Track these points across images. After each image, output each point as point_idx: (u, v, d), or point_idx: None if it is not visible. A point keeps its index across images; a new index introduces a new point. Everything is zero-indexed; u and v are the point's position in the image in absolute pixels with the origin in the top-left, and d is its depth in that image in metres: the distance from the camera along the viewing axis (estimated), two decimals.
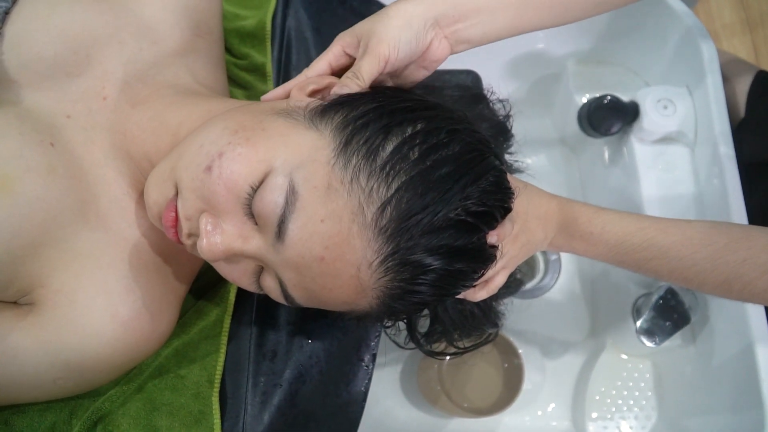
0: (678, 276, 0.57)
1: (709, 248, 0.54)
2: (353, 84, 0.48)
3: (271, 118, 0.47)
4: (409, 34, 0.49)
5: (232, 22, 0.71)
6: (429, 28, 0.50)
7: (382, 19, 0.50)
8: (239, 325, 0.60)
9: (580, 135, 0.95)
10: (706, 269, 0.54)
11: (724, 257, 0.53)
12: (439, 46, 0.52)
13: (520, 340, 0.89)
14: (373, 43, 0.49)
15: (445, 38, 0.52)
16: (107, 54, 0.54)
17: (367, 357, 0.63)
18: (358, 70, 0.49)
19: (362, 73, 0.49)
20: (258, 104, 0.51)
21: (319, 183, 0.43)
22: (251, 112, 0.48)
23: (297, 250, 0.43)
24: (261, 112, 0.48)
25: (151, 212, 0.49)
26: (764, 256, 0.52)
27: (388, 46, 0.49)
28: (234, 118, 0.47)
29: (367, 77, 0.49)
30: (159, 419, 0.55)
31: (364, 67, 0.49)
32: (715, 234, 0.55)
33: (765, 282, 0.52)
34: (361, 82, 0.49)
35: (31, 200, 0.48)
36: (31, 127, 0.50)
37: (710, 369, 0.81)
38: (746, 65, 0.98)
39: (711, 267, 0.54)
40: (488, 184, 0.46)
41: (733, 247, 0.53)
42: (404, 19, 0.50)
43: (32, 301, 0.50)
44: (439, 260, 0.44)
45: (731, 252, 0.53)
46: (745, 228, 0.56)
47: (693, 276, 0.55)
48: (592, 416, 0.92)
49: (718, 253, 0.54)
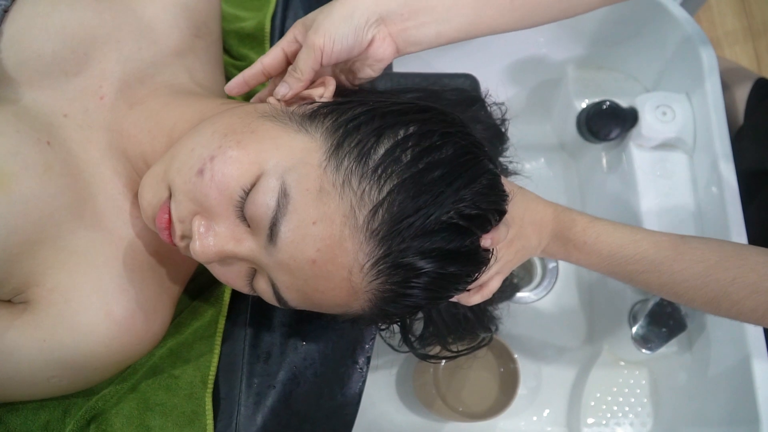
0: (668, 290, 0.57)
1: (701, 265, 0.54)
2: (293, 80, 0.49)
3: (259, 121, 0.47)
4: (347, 28, 0.48)
5: (231, 24, 0.71)
6: (372, 24, 0.49)
7: (327, 9, 0.49)
8: (234, 326, 0.60)
9: (579, 140, 0.95)
10: (696, 286, 0.54)
11: (714, 275, 0.53)
12: (382, 45, 0.50)
13: (516, 345, 0.88)
14: (311, 33, 0.48)
15: (391, 37, 0.50)
16: (106, 53, 0.55)
17: (362, 359, 0.63)
18: (296, 63, 0.49)
19: (299, 66, 0.49)
20: (245, 106, 0.51)
21: (311, 186, 0.43)
22: (238, 115, 0.48)
23: (289, 252, 0.43)
24: (248, 114, 0.48)
25: (145, 214, 0.49)
26: (753, 276, 0.52)
27: (324, 37, 0.48)
28: (222, 121, 0.47)
29: (305, 70, 0.49)
30: (152, 419, 0.55)
31: (301, 58, 0.49)
32: (707, 251, 0.55)
33: (753, 302, 0.52)
34: (300, 75, 0.49)
35: (28, 198, 0.48)
36: (28, 125, 0.50)
37: (706, 378, 0.81)
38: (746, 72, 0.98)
39: (701, 284, 0.54)
40: (481, 187, 0.45)
41: (724, 265, 0.53)
42: (347, 11, 0.48)
43: (27, 300, 0.50)
44: (432, 263, 0.44)
45: (722, 270, 0.53)
46: (738, 246, 0.56)
47: (683, 291, 0.55)
48: (587, 422, 0.92)
49: (709, 271, 0.53)
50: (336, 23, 0.48)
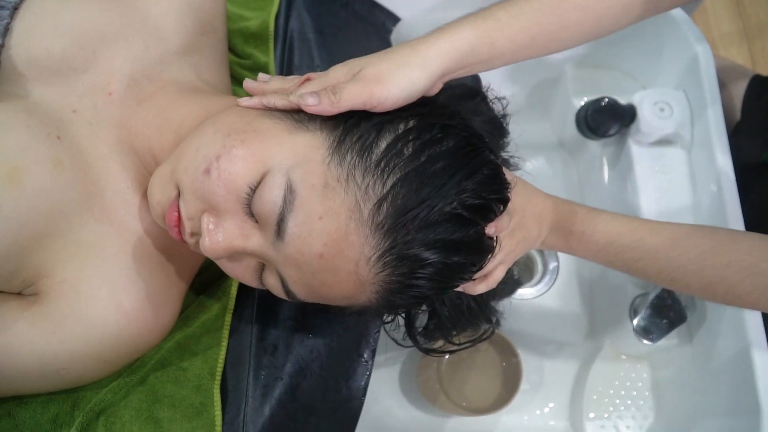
0: (665, 277, 0.57)
1: (696, 250, 0.55)
2: (328, 103, 0.45)
3: (259, 120, 0.47)
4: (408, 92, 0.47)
5: (236, 23, 0.72)
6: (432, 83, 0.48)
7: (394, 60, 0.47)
8: (240, 319, 0.61)
9: (578, 137, 0.96)
10: (692, 271, 0.55)
11: (709, 260, 0.54)
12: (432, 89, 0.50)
13: (518, 341, 0.89)
14: (374, 80, 0.46)
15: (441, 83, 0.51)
16: (114, 51, 0.55)
17: (367, 353, 0.64)
18: (341, 91, 0.46)
19: (343, 95, 0.45)
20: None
21: (316, 181, 0.44)
22: (237, 114, 0.49)
23: (296, 247, 0.44)
24: (246, 113, 0.48)
25: (155, 212, 0.50)
26: (748, 259, 0.53)
27: (385, 93, 0.46)
28: (223, 120, 0.48)
29: (344, 103, 0.45)
30: (161, 411, 0.56)
31: (351, 91, 0.45)
32: (702, 237, 0.56)
33: (748, 285, 0.53)
34: (337, 103, 0.45)
35: (38, 192, 0.48)
36: (38, 120, 0.51)
37: (707, 371, 0.81)
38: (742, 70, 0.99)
39: (697, 269, 0.55)
40: (483, 177, 0.46)
41: (719, 249, 0.54)
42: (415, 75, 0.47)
43: (37, 292, 0.51)
44: (437, 254, 0.45)
45: (717, 255, 0.54)
46: (732, 232, 0.57)
47: (679, 277, 0.56)
48: (589, 416, 0.92)
49: (704, 256, 0.54)
50: (401, 85, 0.46)
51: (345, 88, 0.46)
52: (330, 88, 0.46)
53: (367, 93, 0.45)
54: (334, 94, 0.45)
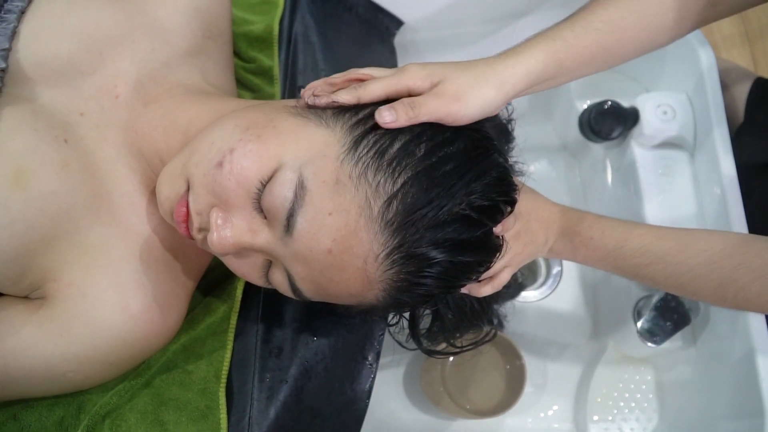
0: (674, 282, 0.57)
1: (705, 254, 0.55)
2: (405, 118, 0.46)
3: (281, 116, 0.48)
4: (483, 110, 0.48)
5: (240, 27, 0.73)
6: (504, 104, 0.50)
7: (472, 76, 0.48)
8: (246, 321, 0.61)
9: (581, 140, 0.96)
10: (701, 275, 0.55)
11: (719, 262, 0.54)
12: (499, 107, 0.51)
13: (522, 344, 0.89)
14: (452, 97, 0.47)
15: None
16: (120, 53, 0.56)
17: (371, 355, 0.64)
18: (419, 106, 0.46)
19: (421, 110, 0.46)
20: (269, 103, 0.52)
21: (328, 177, 0.44)
22: (262, 111, 0.49)
23: (305, 243, 0.44)
24: (272, 110, 0.49)
25: (163, 208, 0.50)
26: (758, 260, 0.52)
27: (463, 111, 0.47)
28: (245, 116, 0.48)
29: (422, 118, 0.46)
30: (166, 414, 0.56)
31: (430, 106, 0.46)
32: (710, 240, 0.56)
33: (759, 286, 0.52)
34: (414, 117, 0.46)
35: (45, 194, 0.49)
36: (45, 123, 0.51)
37: (711, 373, 0.82)
38: (745, 72, 0.99)
39: (706, 272, 0.54)
40: (492, 180, 0.47)
41: (729, 252, 0.54)
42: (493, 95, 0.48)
43: (44, 295, 0.51)
44: (444, 253, 0.45)
45: (726, 257, 0.54)
46: (741, 235, 0.57)
47: (688, 282, 0.56)
48: (593, 418, 0.92)
49: (713, 258, 0.54)
50: (477, 104, 0.48)
51: (424, 104, 0.46)
52: (408, 103, 0.46)
53: (444, 110, 0.46)
54: (412, 109, 0.46)
